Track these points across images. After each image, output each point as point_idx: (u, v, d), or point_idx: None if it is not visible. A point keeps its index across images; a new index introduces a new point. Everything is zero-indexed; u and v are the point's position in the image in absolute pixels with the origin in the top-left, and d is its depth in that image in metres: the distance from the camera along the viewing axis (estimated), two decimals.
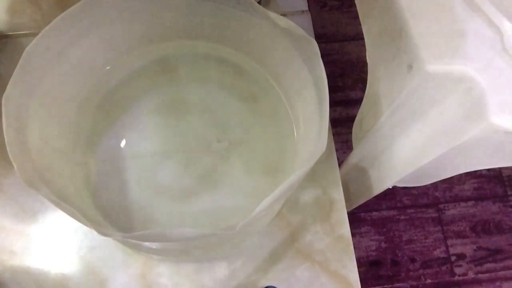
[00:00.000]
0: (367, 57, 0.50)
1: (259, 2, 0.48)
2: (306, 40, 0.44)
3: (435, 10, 0.39)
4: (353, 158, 0.61)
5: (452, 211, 1.12)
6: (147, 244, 0.48)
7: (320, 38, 1.21)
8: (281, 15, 0.44)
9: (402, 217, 1.11)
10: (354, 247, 0.54)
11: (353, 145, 0.60)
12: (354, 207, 0.71)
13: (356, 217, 1.10)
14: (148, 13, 0.52)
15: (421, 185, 0.55)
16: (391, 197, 1.12)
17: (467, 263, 1.08)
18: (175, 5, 0.52)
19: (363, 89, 0.51)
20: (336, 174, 0.57)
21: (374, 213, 1.10)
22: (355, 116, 0.57)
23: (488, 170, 1.14)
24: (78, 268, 0.53)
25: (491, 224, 1.11)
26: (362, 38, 0.49)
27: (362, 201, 0.68)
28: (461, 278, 1.07)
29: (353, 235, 0.56)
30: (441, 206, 1.12)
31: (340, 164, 0.60)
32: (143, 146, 0.56)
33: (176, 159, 0.56)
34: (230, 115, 0.58)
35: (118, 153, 0.56)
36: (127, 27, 0.53)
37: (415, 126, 0.45)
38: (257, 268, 0.54)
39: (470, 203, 1.13)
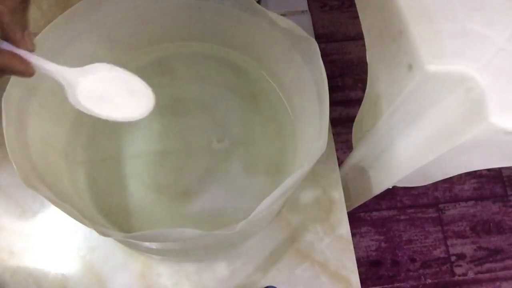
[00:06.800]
0: (367, 57, 0.50)
1: (258, 2, 0.48)
2: (306, 40, 0.44)
3: (435, 10, 0.39)
4: (353, 158, 0.61)
5: (452, 211, 1.12)
6: (147, 244, 0.48)
7: (320, 38, 1.21)
8: (281, 15, 0.44)
9: (402, 217, 1.11)
10: (354, 247, 0.54)
11: (353, 145, 0.60)
12: (354, 207, 0.71)
13: (356, 217, 1.10)
14: (148, 13, 0.52)
15: (421, 185, 0.55)
16: (391, 197, 1.12)
17: (467, 263, 1.08)
18: (175, 5, 0.52)
19: (363, 89, 0.51)
20: (336, 174, 0.57)
21: (374, 213, 1.10)
22: (355, 116, 0.57)
23: (488, 170, 1.14)
24: (78, 268, 0.53)
25: (491, 224, 1.11)
26: (362, 38, 0.49)
27: (362, 201, 0.68)
28: (461, 278, 1.06)
29: (353, 235, 0.56)
30: (441, 206, 1.12)
31: (340, 164, 0.60)
32: (143, 146, 0.56)
33: (176, 159, 0.56)
34: (230, 115, 0.58)
35: (118, 153, 0.56)
36: (127, 28, 0.53)
37: (415, 126, 0.45)
38: (257, 268, 0.53)
39: (470, 203, 1.12)
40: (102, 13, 0.48)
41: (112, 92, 0.34)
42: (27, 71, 0.30)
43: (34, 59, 0.31)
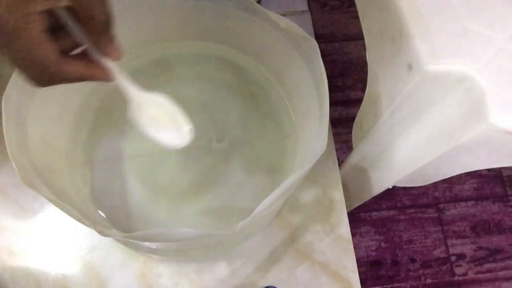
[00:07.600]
0: (367, 57, 0.50)
1: (259, 2, 0.48)
2: (306, 40, 0.44)
3: (434, 10, 0.39)
4: (353, 158, 0.61)
5: (452, 211, 1.12)
6: (147, 244, 0.48)
7: (320, 38, 1.21)
8: (281, 15, 0.44)
9: (402, 217, 1.10)
10: (354, 247, 0.54)
11: (353, 145, 0.60)
12: (354, 207, 0.71)
13: (356, 217, 1.10)
14: (148, 13, 0.52)
15: (421, 185, 0.55)
16: (391, 197, 1.12)
17: (467, 263, 1.08)
18: (175, 5, 0.52)
19: (363, 89, 0.51)
20: (336, 174, 0.57)
21: (374, 213, 1.10)
22: (355, 116, 0.57)
23: (488, 170, 1.14)
24: (78, 268, 0.53)
25: (491, 224, 1.11)
26: (362, 38, 0.49)
27: (362, 201, 0.68)
28: (461, 278, 1.06)
29: (353, 235, 0.56)
30: (441, 206, 1.12)
31: (340, 164, 0.60)
32: (142, 146, 0.56)
33: (176, 158, 0.56)
34: (230, 115, 0.58)
35: (118, 153, 0.56)
36: (127, 28, 0.53)
37: (415, 126, 0.45)
38: (257, 268, 0.53)
39: (470, 203, 1.12)
40: None
41: (162, 120, 0.39)
42: (108, 79, 0.34)
43: (117, 71, 0.34)
